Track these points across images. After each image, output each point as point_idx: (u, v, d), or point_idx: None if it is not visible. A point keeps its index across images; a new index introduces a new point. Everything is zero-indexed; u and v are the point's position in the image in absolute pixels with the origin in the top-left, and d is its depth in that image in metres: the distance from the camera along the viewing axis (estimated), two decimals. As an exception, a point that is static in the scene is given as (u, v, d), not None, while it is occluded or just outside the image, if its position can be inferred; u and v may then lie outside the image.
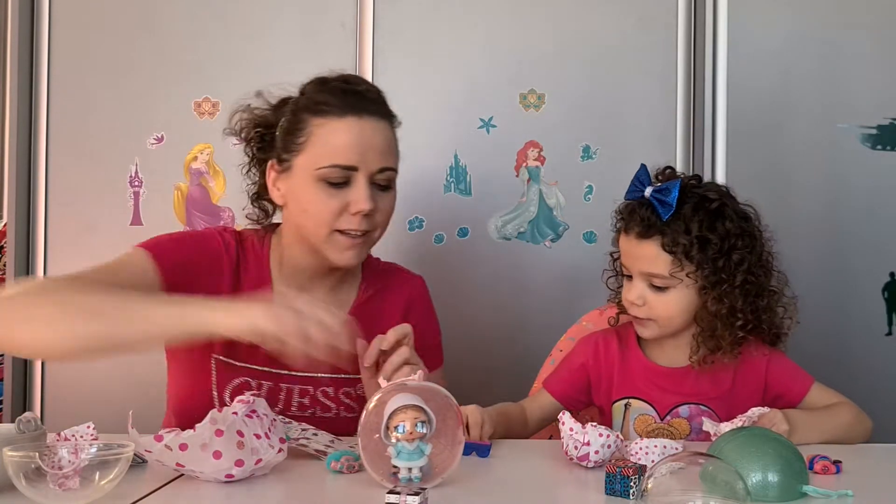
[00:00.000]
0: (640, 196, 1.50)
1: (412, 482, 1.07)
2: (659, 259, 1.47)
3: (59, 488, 0.98)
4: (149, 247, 1.45)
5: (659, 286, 1.49)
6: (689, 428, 1.52)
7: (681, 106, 2.15)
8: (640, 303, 1.50)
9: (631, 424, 1.54)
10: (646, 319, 1.51)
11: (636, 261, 1.50)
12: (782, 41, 2.17)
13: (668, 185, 1.48)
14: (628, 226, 1.51)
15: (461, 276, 2.18)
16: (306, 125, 1.46)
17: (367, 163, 1.44)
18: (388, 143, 1.48)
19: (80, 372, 2.18)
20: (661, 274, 1.48)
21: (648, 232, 1.48)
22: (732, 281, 1.47)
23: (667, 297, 1.49)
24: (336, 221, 1.44)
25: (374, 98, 1.49)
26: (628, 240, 1.51)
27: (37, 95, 2.22)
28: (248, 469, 1.12)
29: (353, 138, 1.44)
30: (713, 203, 1.49)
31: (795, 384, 1.54)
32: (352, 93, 1.47)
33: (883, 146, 2.14)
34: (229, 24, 2.21)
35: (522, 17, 2.18)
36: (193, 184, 2.20)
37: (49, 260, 2.20)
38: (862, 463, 1.28)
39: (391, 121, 1.51)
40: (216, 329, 1.20)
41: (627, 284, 1.53)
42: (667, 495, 0.94)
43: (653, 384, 1.55)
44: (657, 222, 1.47)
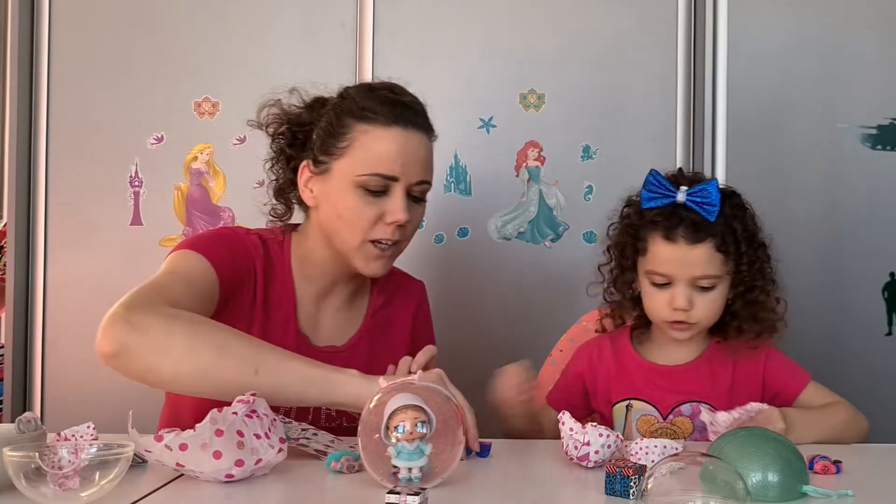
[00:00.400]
0: (671, 201, 1.49)
1: (412, 482, 1.07)
2: (713, 261, 1.48)
3: (59, 488, 0.98)
4: (199, 248, 1.43)
5: (706, 287, 1.49)
6: (692, 426, 1.52)
7: (681, 106, 2.15)
8: (690, 307, 1.49)
9: (633, 425, 1.54)
10: (689, 324, 1.51)
11: (688, 267, 1.48)
12: (782, 41, 2.17)
13: (705, 187, 1.48)
14: (671, 233, 1.48)
15: (461, 277, 2.18)
16: (350, 130, 1.45)
17: (408, 174, 1.44)
18: (428, 156, 1.49)
19: (81, 372, 2.18)
20: (713, 275, 1.49)
21: (699, 236, 1.48)
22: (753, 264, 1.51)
23: (712, 295, 1.50)
24: (371, 230, 1.44)
25: (419, 111, 1.49)
26: (674, 247, 1.48)
27: (37, 95, 2.22)
28: (248, 469, 1.12)
29: (397, 149, 1.43)
30: (739, 198, 1.54)
31: (793, 380, 1.55)
32: (400, 104, 1.46)
33: (883, 146, 2.14)
34: (229, 24, 2.21)
35: (522, 17, 2.18)
36: (193, 184, 2.20)
37: (49, 260, 2.20)
38: (862, 463, 1.28)
39: (431, 134, 1.51)
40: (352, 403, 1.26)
41: (663, 292, 1.51)
42: (667, 495, 0.94)
43: (653, 384, 1.55)
44: (707, 225, 1.47)
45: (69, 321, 2.19)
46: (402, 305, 1.64)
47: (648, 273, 1.52)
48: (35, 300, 2.20)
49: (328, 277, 1.54)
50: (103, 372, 2.13)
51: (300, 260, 1.54)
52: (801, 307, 2.14)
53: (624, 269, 1.58)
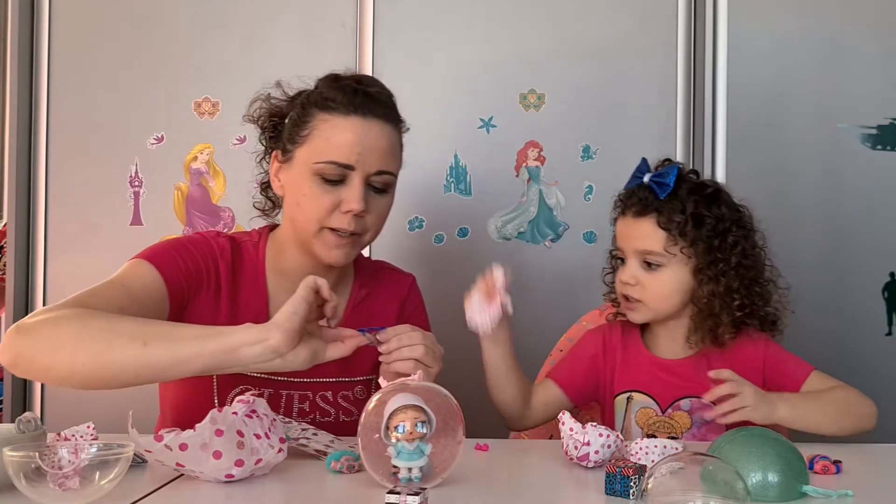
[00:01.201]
0: (639, 183, 1.55)
1: (412, 482, 1.07)
2: (654, 235, 1.51)
3: (59, 488, 0.98)
4: (150, 258, 1.44)
5: (652, 263, 1.51)
6: (690, 421, 1.52)
7: (681, 106, 2.15)
8: (633, 282, 1.52)
9: (633, 418, 1.54)
10: (636, 302, 1.53)
11: (632, 240, 1.53)
12: (782, 41, 2.17)
13: (667, 170, 1.53)
14: (626, 207, 1.55)
15: (461, 277, 2.16)
16: (312, 119, 1.46)
17: (365, 164, 1.44)
18: (390, 147, 1.48)
19: (80, 372, 2.18)
20: (655, 250, 1.51)
21: (645, 210, 1.52)
22: (728, 261, 1.51)
23: (660, 275, 1.52)
24: (326, 218, 1.44)
25: (382, 101, 1.49)
26: (625, 221, 1.55)
27: (37, 95, 2.22)
28: (248, 469, 1.12)
29: (354, 138, 1.43)
30: (708, 189, 1.55)
31: (795, 372, 1.55)
32: (362, 93, 1.47)
33: (883, 146, 2.14)
34: (229, 25, 2.21)
35: (522, 17, 2.18)
36: (193, 184, 2.20)
37: (49, 260, 2.20)
38: (862, 463, 1.28)
39: (397, 126, 1.51)
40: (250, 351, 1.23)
41: (620, 268, 1.56)
42: (667, 495, 0.94)
43: (654, 377, 1.56)
44: (654, 201, 1.52)
45: (69, 321, 2.19)
46: (385, 298, 1.64)
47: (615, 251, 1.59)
48: (35, 300, 2.20)
49: (303, 271, 1.53)
50: (103, 372, 2.16)
51: (275, 255, 1.55)
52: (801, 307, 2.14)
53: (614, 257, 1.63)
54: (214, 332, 1.25)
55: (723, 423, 1.41)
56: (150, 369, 1.22)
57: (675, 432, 1.52)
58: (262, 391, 1.49)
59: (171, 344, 1.23)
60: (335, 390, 1.53)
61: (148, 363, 1.22)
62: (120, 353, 1.22)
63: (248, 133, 2.17)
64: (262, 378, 1.49)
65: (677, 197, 1.51)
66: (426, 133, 2.15)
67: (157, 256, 1.44)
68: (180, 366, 1.23)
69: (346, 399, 1.54)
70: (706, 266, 1.50)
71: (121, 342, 1.22)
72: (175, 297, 1.43)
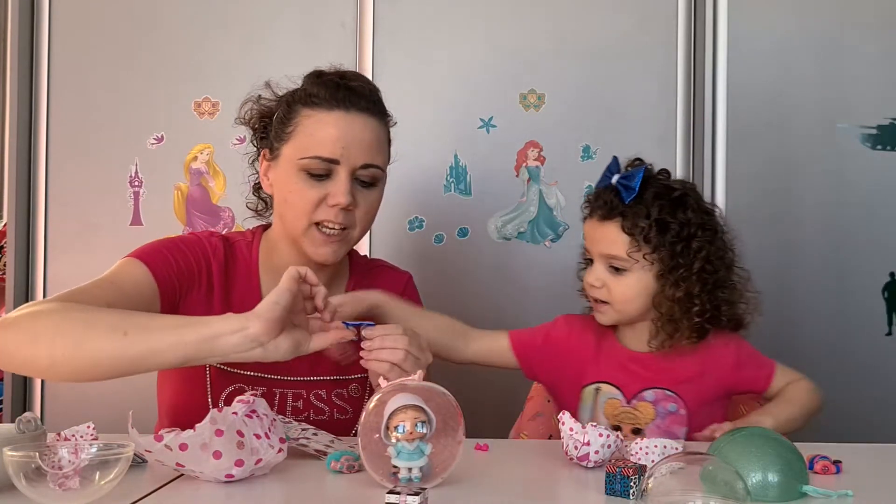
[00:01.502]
0: (608, 183, 1.54)
1: (412, 482, 1.07)
2: (618, 240, 1.51)
3: (59, 488, 0.98)
4: (141, 257, 1.44)
5: (617, 268, 1.51)
6: (655, 412, 1.53)
7: (681, 106, 2.15)
8: (599, 284, 1.53)
9: (601, 408, 1.54)
10: (602, 304, 1.54)
11: (597, 243, 1.53)
12: (782, 41, 2.17)
13: (633, 172, 1.52)
14: (592, 209, 1.55)
15: (461, 277, 2.18)
16: (296, 115, 1.47)
17: (350, 157, 1.44)
18: (375, 140, 1.48)
19: (80, 372, 2.18)
20: (619, 255, 1.51)
21: (610, 214, 1.52)
22: (690, 267, 1.50)
23: (625, 279, 1.52)
24: (314, 213, 1.44)
25: (366, 95, 1.49)
26: (592, 223, 1.55)
27: (37, 95, 2.22)
28: (248, 469, 1.12)
29: (337, 132, 1.44)
30: (675, 192, 1.53)
31: (762, 370, 1.57)
32: (344, 87, 1.47)
33: (883, 146, 2.14)
34: (229, 25, 2.21)
35: (522, 17, 2.18)
36: (193, 184, 2.20)
37: (49, 260, 2.20)
38: (862, 463, 1.28)
39: (383, 119, 1.51)
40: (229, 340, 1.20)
41: (588, 269, 1.56)
42: (667, 495, 0.94)
43: (623, 368, 1.56)
44: (619, 205, 1.51)
45: (69, 321, 2.19)
46: None
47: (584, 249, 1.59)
48: (35, 300, 2.20)
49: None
50: (103, 372, 2.16)
51: (267, 254, 1.55)
52: (801, 307, 2.15)
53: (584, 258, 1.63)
54: (193, 322, 1.23)
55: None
56: (129, 359, 1.20)
57: (640, 423, 1.52)
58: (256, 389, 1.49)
59: (149, 334, 1.21)
60: (329, 388, 1.53)
61: (126, 353, 1.19)
62: (98, 342, 1.20)
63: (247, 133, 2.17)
64: (255, 377, 1.49)
65: (643, 201, 1.50)
66: (426, 133, 2.15)
67: (148, 255, 1.44)
68: (159, 355, 1.20)
69: (340, 397, 1.54)
70: (668, 271, 1.50)
71: (99, 332, 1.21)
72: (166, 296, 1.43)
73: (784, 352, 1.68)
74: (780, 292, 2.14)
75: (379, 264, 1.70)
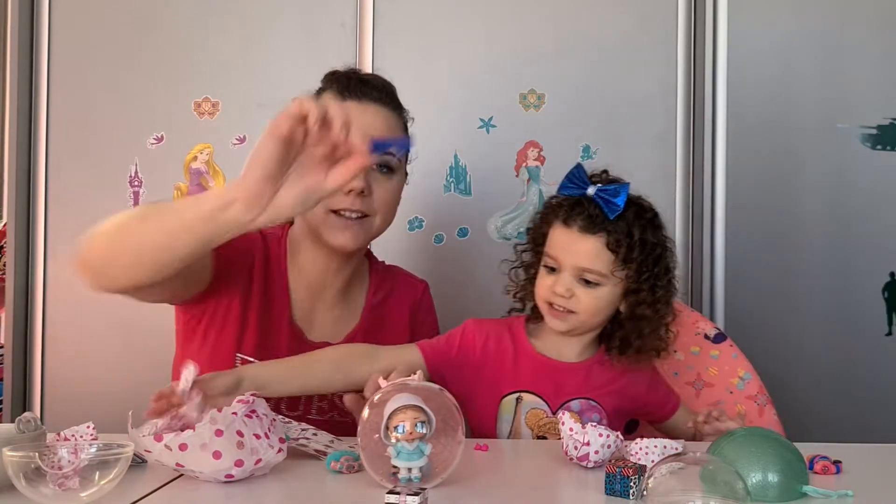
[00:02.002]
0: (582, 193, 1.51)
1: (412, 482, 1.07)
2: (600, 256, 1.48)
3: (59, 488, 0.98)
4: None
5: (590, 281, 1.49)
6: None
7: (681, 105, 2.15)
8: (569, 295, 1.49)
9: (522, 418, 1.53)
10: (566, 312, 1.50)
11: (574, 255, 1.49)
12: (782, 41, 2.17)
13: (616, 188, 1.49)
14: (569, 218, 1.50)
15: (461, 277, 2.18)
16: None
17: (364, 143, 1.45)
18: (387, 128, 1.49)
19: (80, 372, 2.18)
20: (598, 270, 1.48)
21: (593, 228, 1.48)
22: (654, 288, 1.50)
23: (595, 292, 1.49)
24: (330, 201, 1.44)
25: (378, 87, 1.51)
26: (568, 232, 1.50)
27: (37, 95, 2.22)
28: (248, 469, 1.12)
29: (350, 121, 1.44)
30: (649, 213, 1.53)
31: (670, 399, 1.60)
32: (356, 80, 1.49)
33: (883, 146, 2.14)
34: (229, 24, 2.21)
35: (522, 17, 2.18)
36: (193, 184, 2.20)
37: (49, 260, 2.20)
38: (862, 463, 1.28)
39: (397, 112, 1.52)
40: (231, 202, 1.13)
41: (550, 276, 1.51)
42: (667, 495, 0.94)
43: (545, 378, 1.53)
44: (603, 220, 1.48)
45: (69, 321, 2.19)
46: (399, 303, 1.65)
47: (544, 256, 1.53)
48: (35, 300, 2.20)
49: (317, 266, 1.55)
50: (103, 372, 2.17)
51: (293, 252, 1.56)
52: (801, 306, 2.15)
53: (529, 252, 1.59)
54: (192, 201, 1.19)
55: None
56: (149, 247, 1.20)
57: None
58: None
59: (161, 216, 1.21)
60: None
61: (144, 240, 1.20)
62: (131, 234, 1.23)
63: (248, 133, 2.18)
64: None
65: (624, 218, 1.48)
66: (426, 133, 2.14)
67: None
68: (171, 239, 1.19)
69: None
70: (634, 290, 1.50)
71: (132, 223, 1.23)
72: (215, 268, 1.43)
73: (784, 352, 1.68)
74: (779, 292, 2.14)
75: (397, 270, 1.71)
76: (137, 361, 2.16)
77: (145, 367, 2.06)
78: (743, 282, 2.14)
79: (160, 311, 2.12)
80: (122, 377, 2.16)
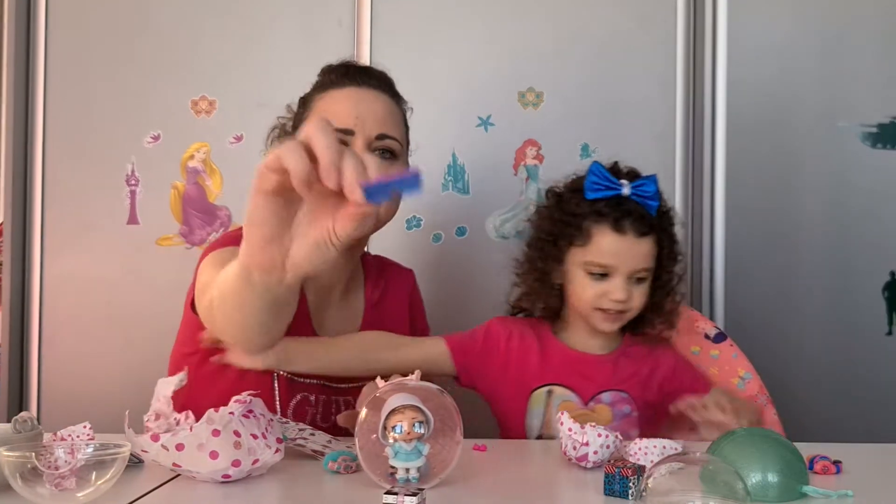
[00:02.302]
0: (616, 194, 1.51)
1: (410, 482, 1.07)
2: (652, 254, 1.53)
3: (56, 488, 0.97)
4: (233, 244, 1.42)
5: (640, 279, 1.53)
6: (612, 415, 1.53)
7: (680, 104, 2.15)
8: (628, 298, 1.51)
9: (554, 410, 1.53)
10: (619, 314, 1.53)
11: (631, 259, 1.50)
12: (782, 39, 2.16)
13: (646, 182, 1.52)
14: (620, 225, 1.50)
15: (459, 276, 2.17)
16: (312, 103, 1.50)
17: (365, 128, 1.45)
18: (389, 112, 1.49)
19: (77, 372, 2.17)
20: (650, 268, 1.53)
21: (646, 230, 1.51)
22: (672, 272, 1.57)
23: (643, 287, 1.54)
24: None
25: (376, 74, 1.52)
26: (622, 239, 1.50)
27: (33, 94, 2.22)
28: (245, 469, 1.12)
29: (350, 104, 1.46)
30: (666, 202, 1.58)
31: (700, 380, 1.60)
32: (354, 68, 1.51)
33: (883, 145, 2.14)
34: (226, 23, 2.20)
35: (521, 15, 2.18)
36: (190, 182, 2.20)
37: (45, 258, 2.20)
38: (862, 463, 1.28)
39: (395, 100, 1.53)
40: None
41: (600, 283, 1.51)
42: (666, 495, 0.94)
43: (574, 371, 1.56)
44: (650, 220, 1.51)
45: (65, 320, 2.18)
46: (396, 296, 1.67)
47: (587, 264, 1.52)
48: (31, 299, 2.19)
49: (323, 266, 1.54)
50: (100, 371, 2.16)
51: None
52: (801, 306, 2.15)
53: (548, 258, 1.57)
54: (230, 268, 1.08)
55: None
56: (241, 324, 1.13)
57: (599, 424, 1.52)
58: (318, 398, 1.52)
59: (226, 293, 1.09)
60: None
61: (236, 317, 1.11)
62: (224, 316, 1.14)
63: (245, 132, 2.17)
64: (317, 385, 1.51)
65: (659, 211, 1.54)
66: (424, 131, 2.13)
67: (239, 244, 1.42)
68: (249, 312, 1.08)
69: None
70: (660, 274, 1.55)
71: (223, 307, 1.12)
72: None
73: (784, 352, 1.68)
74: (779, 291, 2.14)
75: (386, 262, 1.72)
76: (134, 361, 2.15)
77: (142, 367, 2.05)
78: (743, 281, 2.14)
79: (157, 311, 2.13)
80: (119, 377, 2.16)
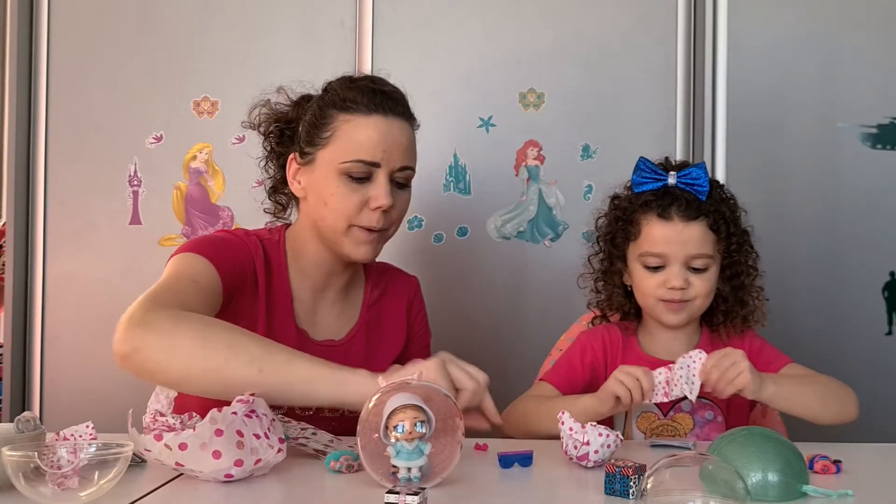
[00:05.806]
0: (663, 184, 1.53)
1: (411, 482, 1.07)
2: (706, 239, 1.52)
3: (58, 488, 0.98)
4: (202, 251, 1.44)
5: (699, 268, 1.52)
6: (693, 422, 1.52)
7: (680, 104, 2.15)
8: (686, 285, 1.52)
9: (634, 422, 1.54)
10: (682, 303, 1.53)
11: (682, 245, 1.52)
12: (782, 40, 2.16)
13: (693, 169, 1.54)
14: (665, 212, 1.52)
15: (460, 276, 2.18)
16: (332, 120, 1.49)
17: (390, 160, 1.47)
18: (409, 143, 1.52)
19: (80, 371, 2.18)
20: (707, 254, 1.52)
21: (694, 214, 1.52)
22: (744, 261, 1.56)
23: (706, 276, 1.54)
24: (356, 216, 1.47)
25: (398, 99, 1.52)
26: (669, 225, 1.52)
27: (36, 94, 2.22)
28: (248, 469, 1.12)
29: (378, 136, 1.46)
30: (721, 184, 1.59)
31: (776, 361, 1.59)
32: (380, 92, 1.50)
33: (883, 145, 2.14)
34: (228, 23, 2.21)
35: (522, 16, 2.18)
36: (192, 183, 2.20)
37: (48, 259, 2.20)
38: (862, 463, 1.28)
39: (412, 122, 1.54)
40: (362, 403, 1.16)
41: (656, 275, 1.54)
42: (667, 495, 0.94)
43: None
44: (699, 204, 1.52)
45: (68, 320, 2.19)
46: (395, 300, 1.67)
47: (641, 256, 1.55)
48: (34, 299, 2.20)
49: (322, 269, 1.56)
50: (103, 371, 2.16)
51: (294, 255, 1.56)
52: (801, 306, 2.15)
53: (614, 259, 1.60)
54: (327, 376, 1.26)
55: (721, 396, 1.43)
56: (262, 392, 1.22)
57: (679, 434, 1.52)
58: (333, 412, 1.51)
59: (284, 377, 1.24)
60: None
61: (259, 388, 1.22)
62: (234, 373, 1.23)
63: (247, 133, 2.16)
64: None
65: (712, 196, 1.54)
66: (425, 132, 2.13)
67: (208, 251, 1.45)
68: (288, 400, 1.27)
69: None
70: (729, 264, 1.55)
71: (238, 363, 1.24)
72: (226, 292, 1.44)
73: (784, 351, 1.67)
74: (779, 291, 2.13)
75: (389, 268, 1.72)
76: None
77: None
78: (743, 281, 2.14)
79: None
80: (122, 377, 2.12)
